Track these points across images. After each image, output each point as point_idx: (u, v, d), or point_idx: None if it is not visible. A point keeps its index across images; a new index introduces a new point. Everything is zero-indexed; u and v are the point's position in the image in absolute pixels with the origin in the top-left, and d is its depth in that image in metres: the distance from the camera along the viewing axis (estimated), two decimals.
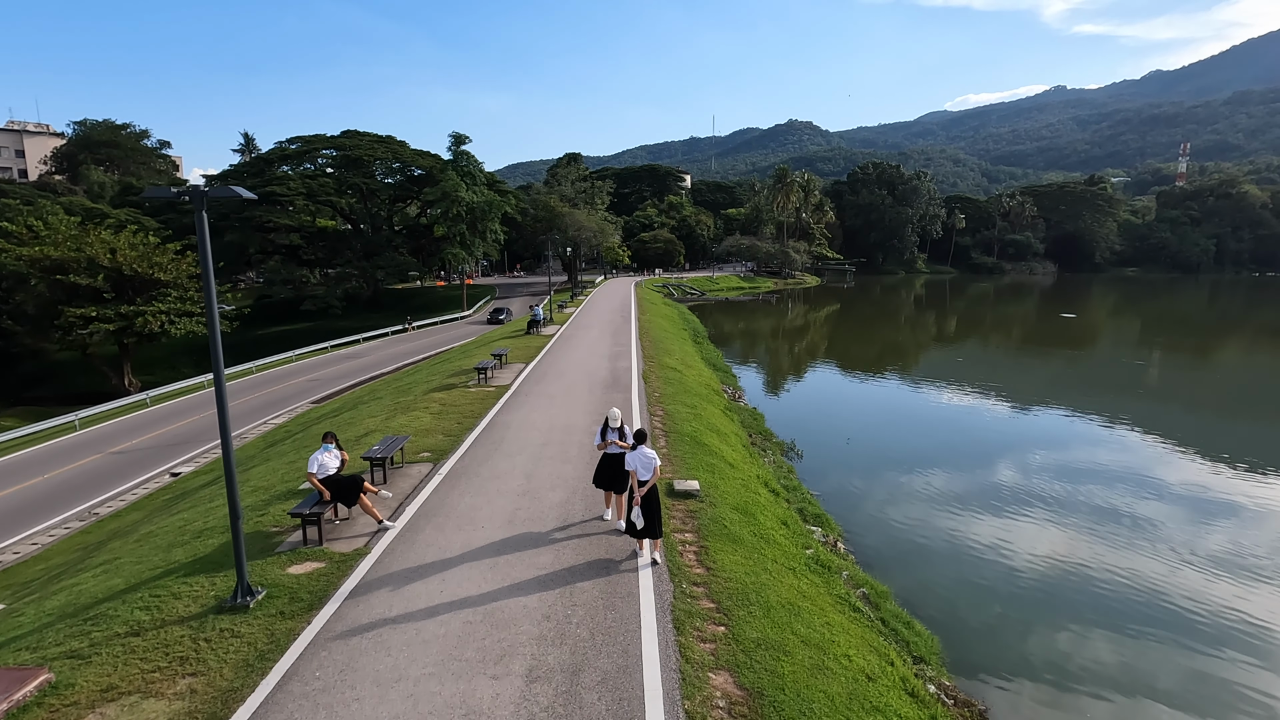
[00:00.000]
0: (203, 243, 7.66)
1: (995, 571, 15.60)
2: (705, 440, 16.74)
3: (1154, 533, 17.85)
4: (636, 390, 21.44)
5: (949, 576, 15.35)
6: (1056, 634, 13.18)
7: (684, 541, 10.68)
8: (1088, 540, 17.26)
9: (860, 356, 50.14)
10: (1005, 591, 14.73)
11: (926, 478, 21.90)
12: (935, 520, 18.37)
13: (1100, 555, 16.36)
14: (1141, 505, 19.76)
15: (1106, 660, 12.28)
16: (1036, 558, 16.27)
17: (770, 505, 14.27)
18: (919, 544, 17.00)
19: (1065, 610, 13.96)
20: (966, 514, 18.80)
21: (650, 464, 9.48)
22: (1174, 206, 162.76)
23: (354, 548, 10.18)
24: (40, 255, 42.80)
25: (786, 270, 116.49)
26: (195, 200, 7.47)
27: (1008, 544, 16.98)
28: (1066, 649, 12.66)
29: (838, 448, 25.40)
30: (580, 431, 16.32)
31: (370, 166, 76.66)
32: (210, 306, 7.83)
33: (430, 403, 20.16)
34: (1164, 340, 60.51)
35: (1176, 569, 15.77)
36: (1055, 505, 19.62)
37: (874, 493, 20.68)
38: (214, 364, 8.13)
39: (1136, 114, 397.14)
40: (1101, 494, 20.58)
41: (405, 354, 47.60)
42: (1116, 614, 13.75)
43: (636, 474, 9.51)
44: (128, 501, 23.70)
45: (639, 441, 9.68)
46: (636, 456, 9.53)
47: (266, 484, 14.80)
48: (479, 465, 13.90)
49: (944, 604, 13.95)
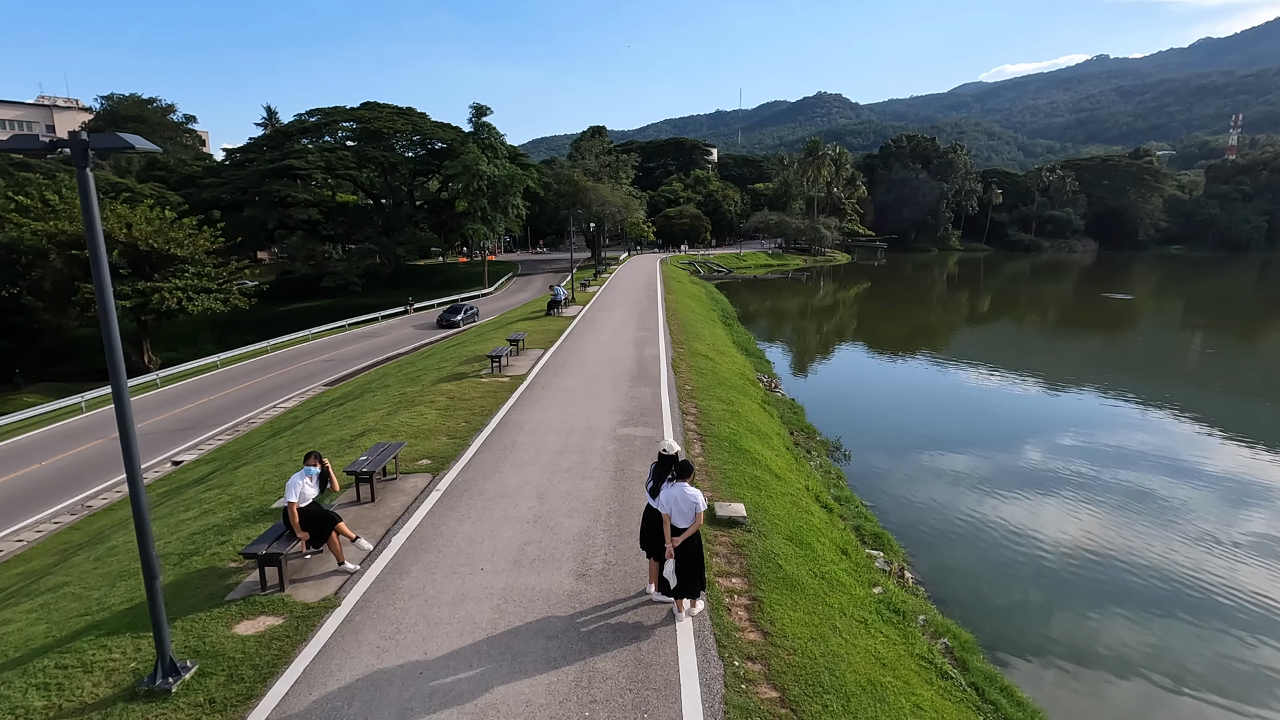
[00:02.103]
0: (87, 209, 5.59)
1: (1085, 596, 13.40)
2: (746, 445, 14.57)
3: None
4: (666, 382, 19.24)
5: (1029, 606, 13.17)
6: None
7: (732, 591, 8.55)
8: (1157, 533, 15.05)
9: (905, 339, 47.40)
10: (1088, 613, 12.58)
11: (986, 476, 19.58)
12: (1008, 536, 16.08)
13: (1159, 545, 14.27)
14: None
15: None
16: (1131, 565, 14.11)
17: (826, 528, 12.11)
18: (991, 560, 14.78)
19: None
20: (1039, 527, 16.48)
21: (692, 507, 7.37)
22: (1224, 181, 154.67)
23: (321, 596, 8.19)
24: (55, 230, 41.60)
25: (816, 247, 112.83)
26: (77, 154, 5.41)
27: (1101, 555, 14.70)
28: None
29: (886, 443, 23.10)
30: (603, 435, 14.21)
31: (390, 139, 74.66)
32: (103, 297, 5.79)
33: (437, 395, 18.17)
34: (1238, 326, 56.63)
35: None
36: (1124, 495, 17.47)
37: (928, 495, 18.42)
38: (111, 372, 6.09)
39: (1183, 84, 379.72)
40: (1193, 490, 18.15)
41: (420, 334, 45.95)
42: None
43: (670, 519, 7.43)
44: (123, 493, 22.27)
45: (680, 474, 7.55)
46: (674, 496, 7.43)
47: (245, 493, 12.96)
48: (485, 478, 11.87)
49: (1029, 645, 11.85)
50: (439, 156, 76.15)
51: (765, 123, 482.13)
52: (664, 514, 7.43)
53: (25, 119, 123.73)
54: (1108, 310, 62.12)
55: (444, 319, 47.49)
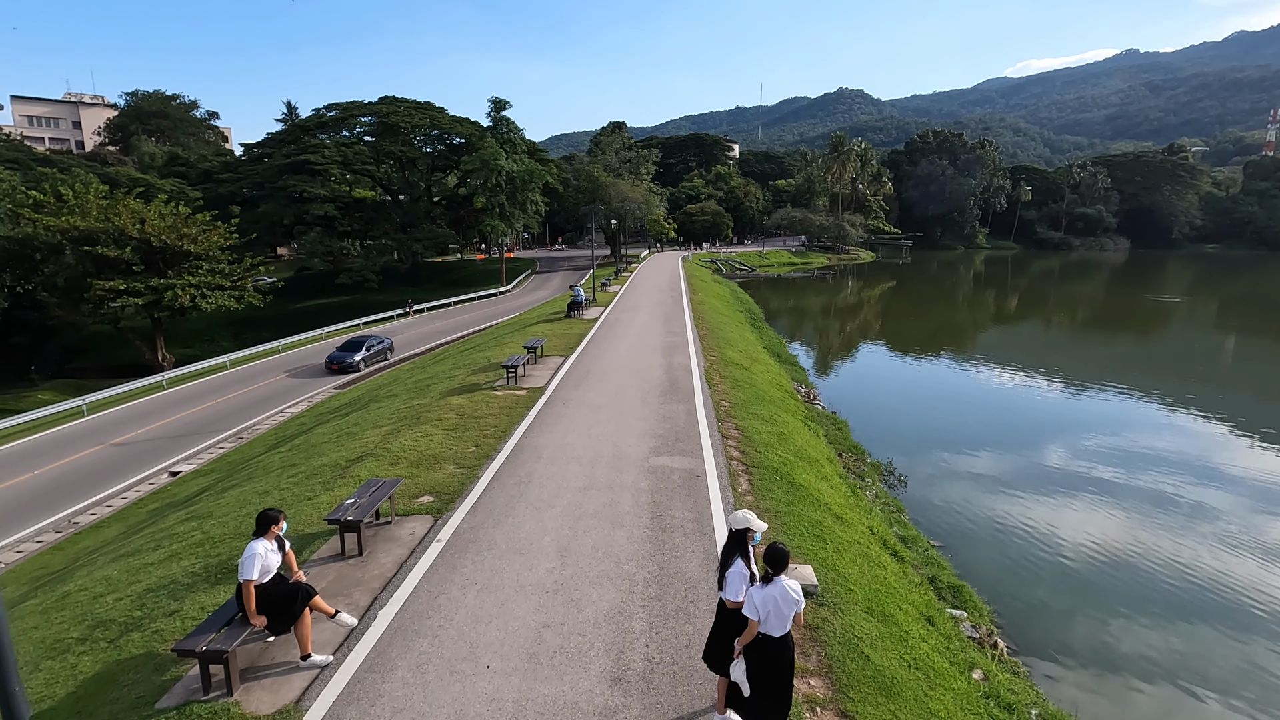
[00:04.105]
0: None
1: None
2: (799, 478, 12.53)
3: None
4: (701, 398, 17.19)
5: (1124, 656, 11.06)
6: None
7: (814, 701, 6.50)
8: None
9: (935, 341, 44.97)
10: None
11: (1056, 499, 17.34)
12: (1093, 571, 13.90)
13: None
14: None
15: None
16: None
17: (902, 587, 10.04)
18: (1080, 606, 12.61)
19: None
20: (1128, 557, 14.28)
21: (790, 607, 5.39)
22: (1264, 178, 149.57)
23: (279, 705, 6.24)
24: (68, 225, 40.55)
25: (840, 245, 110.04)
26: None
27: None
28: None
29: (935, 459, 21.03)
30: (634, 466, 12.22)
31: (408, 134, 73.13)
32: None
33: (446, 411, 16.27)
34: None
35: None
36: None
37: (990, 520, 16.31)
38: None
39: (1217, 78, 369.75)
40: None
41: (437, 333, 44.34)
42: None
43: (763, 623, 5.44)
44: (115, 508, 20.73)
45: (775, 566, 5.48)
46: (772, 597, 5.40)
47: (221, 531, 11.13)
48: (495, 525, 9.91)
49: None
50: (457, 152, 74.57)
51: (785, 119, 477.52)
52: (753, 620, 5.43)
53: (53, 115, 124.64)
54: (1160, 312, 59.16)
55: (336, 360, 34.13)
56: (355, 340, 36.33)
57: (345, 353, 34.76)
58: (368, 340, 36.16)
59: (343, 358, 34.31)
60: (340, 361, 34.11)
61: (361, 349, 34.99)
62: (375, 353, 35.81)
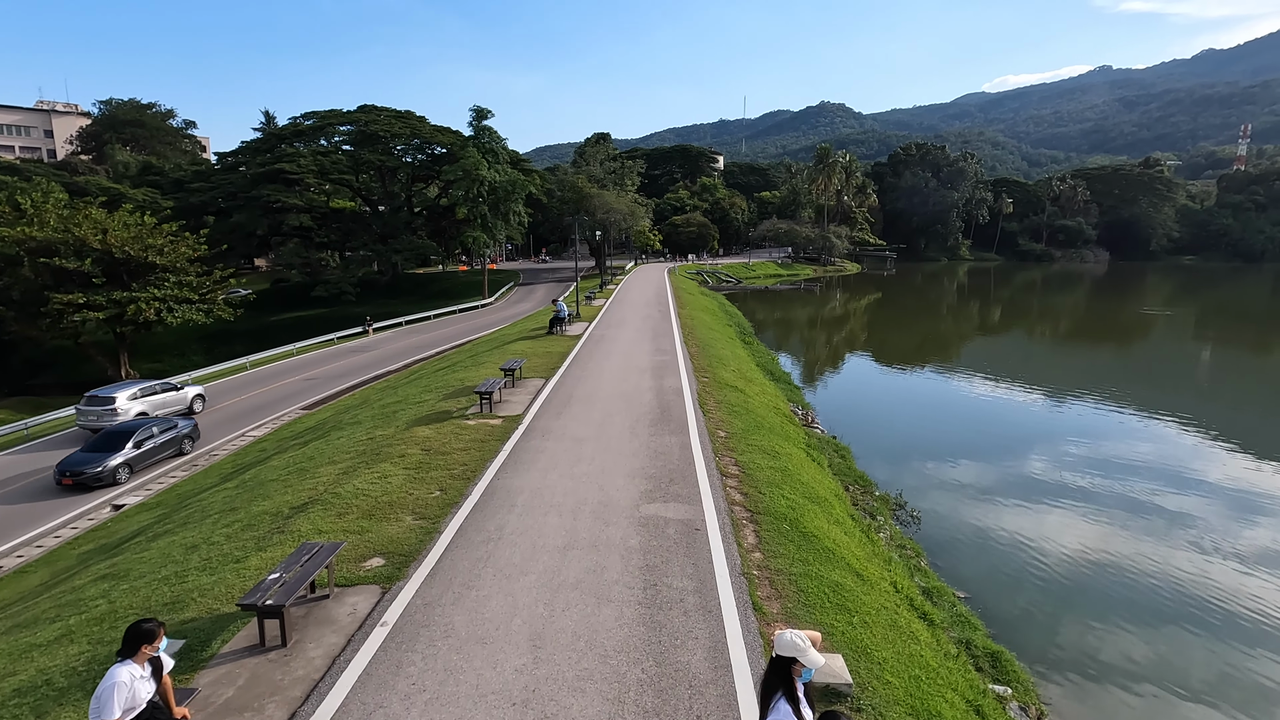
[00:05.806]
0: None
1: None
2: (810, 525, 10.92)
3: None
4: (695, 427, 15.53)
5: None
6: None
7: None
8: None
9: (923, 354, 43.75)
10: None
11: (1070, 532, 15.86)
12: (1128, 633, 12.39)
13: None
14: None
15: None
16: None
17: (940, 665, 8.44)
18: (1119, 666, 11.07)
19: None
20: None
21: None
22: (1237, 191, 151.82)
23: None
24: (24, 236, 38.31)
25: (826, 256, 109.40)
26: None
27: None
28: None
29: (939, 479, 19.63)
30: (623, 517, 10.52)
31: (388, 143, 71.35)
32: None
33: (410, 445, 14.48)
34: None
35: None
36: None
37: (1004, 556, 14.80)
38: None
39: (1188, 94, 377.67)
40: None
41: (415, 347, 42.43)
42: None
43: None
44: (46, 548, 18.69)
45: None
46: None
47: (131, 601, 9.27)
48: (455, 601, 8.16)
49: None
50: (439, 161, 72.89)
51: (769, 131, 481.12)
52: None
53: (24, 124, 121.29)
54: (1155, 325, 58.49)
55: (71, 470, 20.49)
56: (116, 432, 22.02)
57: (94, 455, 21.05)
58: (139, 429, 22.10)
59: (85, 465, 20.60)
60: (79, 472, 20.44)
61: (126, 444, 21.38)
62: (152, 448, 22.36)
